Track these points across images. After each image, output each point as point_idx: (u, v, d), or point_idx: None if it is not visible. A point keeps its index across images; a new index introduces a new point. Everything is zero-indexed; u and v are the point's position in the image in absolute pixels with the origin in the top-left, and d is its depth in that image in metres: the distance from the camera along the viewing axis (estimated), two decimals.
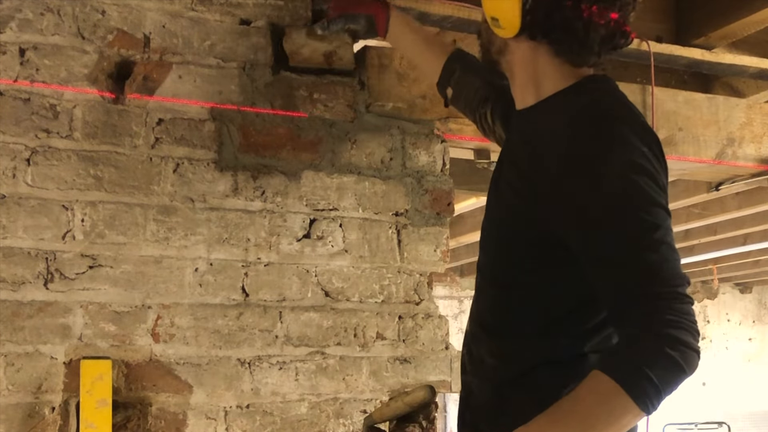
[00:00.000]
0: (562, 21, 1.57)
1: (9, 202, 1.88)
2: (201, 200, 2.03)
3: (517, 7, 1.58)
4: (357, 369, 2.15)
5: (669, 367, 1.28)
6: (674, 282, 1.33)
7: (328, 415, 2.11)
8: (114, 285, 1.94)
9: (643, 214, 1.35)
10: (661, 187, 1.40)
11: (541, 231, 1.46)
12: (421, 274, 2.24)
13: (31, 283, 1.89)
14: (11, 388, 1.85)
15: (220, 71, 2.07)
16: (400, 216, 2.23)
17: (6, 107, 1.89)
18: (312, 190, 2.14)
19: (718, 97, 2.75)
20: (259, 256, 2.08)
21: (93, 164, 1.95)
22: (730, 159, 2.69)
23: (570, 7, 1.56)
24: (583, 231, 1.39)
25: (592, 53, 1.59)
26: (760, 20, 2.55)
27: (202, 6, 2.06)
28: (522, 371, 1.50)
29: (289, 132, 2.12)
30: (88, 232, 1.93)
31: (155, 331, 1.97)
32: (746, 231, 5.78)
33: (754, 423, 10.01)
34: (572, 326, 1.48)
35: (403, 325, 2.20)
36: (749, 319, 10.66)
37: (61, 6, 1.95)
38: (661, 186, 1.40)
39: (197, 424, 1.98)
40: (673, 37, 2.75)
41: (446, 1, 2.30)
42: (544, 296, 1.49)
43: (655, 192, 1.37)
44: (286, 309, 2.09)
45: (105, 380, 1.87)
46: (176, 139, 2.02)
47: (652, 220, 1.35)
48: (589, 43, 1.58)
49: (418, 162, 2.26)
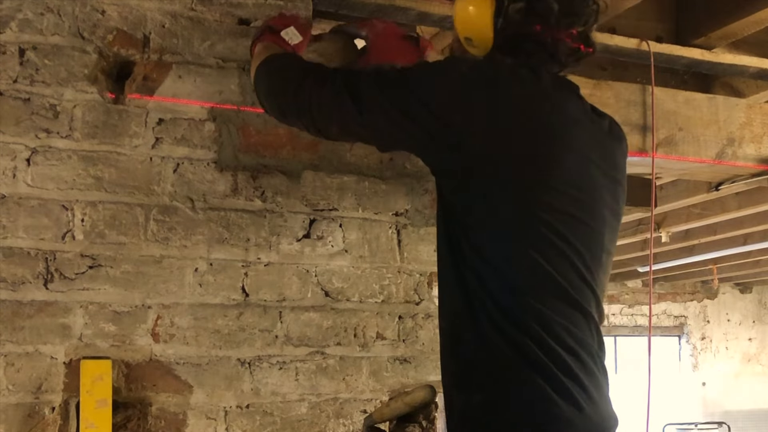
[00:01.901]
0: (532, 38, 1.65)
1: (9, 202, 1.88)
2: (201, 200, 2.03)
3: (490, 27, 1.67)
4: (357, 369, 2.15)
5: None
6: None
7: (328, 415, 2.11)
8: (114, 285, 1.94)
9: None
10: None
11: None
12: (421, 274, 2.24)
13: (31, 283, 1.89)
14: (11, 388, 1.85)
15: (220, 71, 2.07)
16: (400, 216, 2.23)
17: (6, 107, 1.89)
18: (312, 190, 2.14)
19: (718, 97, 2.75)
20: (259, 256, 2.08)
21: (93, 164, 1.95)
22: (730, 159, 2.69)
23: (539, 25, 1.64)
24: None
25: (561, 65, 1.69)
26: (760, 20, 2.55)
27: (202, 6, 2.06)
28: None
29: (289, 132, 2.12)
30: (88, 232, 1.93)
31: (155, 331, 1.97)
32: (746, 231, 5.79)
33: (754, 423, 10.02)
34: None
35: (403, 325, 2.20)
36: (749, 319, 10.66)
37: (61, 6, 1.95)
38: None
39: (197, 424, 1.98)
40: (673, 37, 2.76)
41: (446, 1, 2.30)
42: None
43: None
44: (286, 309, 2.09)
45: (105, 380, 1.87)
46: (176, 139, 2.02)
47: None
48: (557, 57, 1.67)
49: (418, 162, 2.25)
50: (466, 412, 1.62)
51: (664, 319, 10.13)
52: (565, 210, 1.62)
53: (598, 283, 1.69)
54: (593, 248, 1.68)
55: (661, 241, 5.57)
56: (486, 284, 1.59)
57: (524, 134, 1.61)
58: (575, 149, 1.65)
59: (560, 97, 1.68)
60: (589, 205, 1.67)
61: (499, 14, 1.68)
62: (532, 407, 1.55)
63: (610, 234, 1.73)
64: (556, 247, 1.61)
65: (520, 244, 1.59)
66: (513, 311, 1.57)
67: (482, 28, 1.70)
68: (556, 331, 1.58)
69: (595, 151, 1.70)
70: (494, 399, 1.58)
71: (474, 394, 1.61)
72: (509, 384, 1.57)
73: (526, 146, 1.61)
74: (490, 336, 1.58)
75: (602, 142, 1.74)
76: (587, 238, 1.66)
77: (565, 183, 1.62)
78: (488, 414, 1.58)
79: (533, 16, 1.67)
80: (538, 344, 1.56)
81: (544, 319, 1.58)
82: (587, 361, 1.61)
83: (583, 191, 1.65)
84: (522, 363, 1.56)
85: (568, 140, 1.64)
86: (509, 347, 1.56)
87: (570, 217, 1.63)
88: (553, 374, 1.56)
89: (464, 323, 1.61)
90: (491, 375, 1.59)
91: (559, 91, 1.69)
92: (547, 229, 1.60)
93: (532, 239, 1.59)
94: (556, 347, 1.57)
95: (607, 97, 2.48)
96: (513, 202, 1.60)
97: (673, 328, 10.30)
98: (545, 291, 1.59)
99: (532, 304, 1.57)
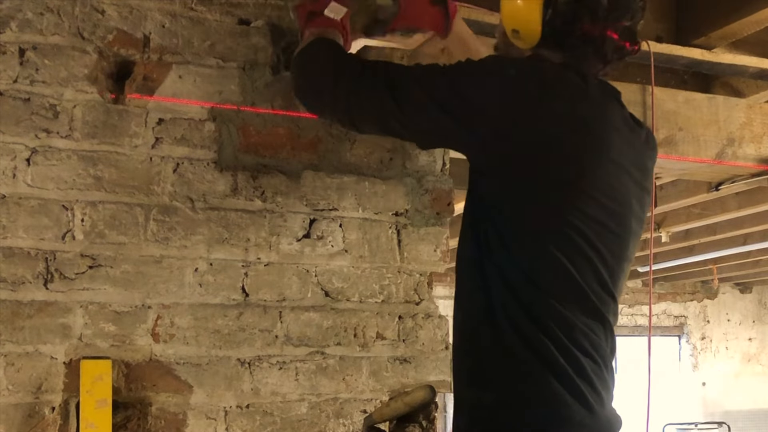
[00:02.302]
0: (581, 33, 1.63)
1: (9, 202, 1.88)
2: (201, 200, 2.03)
3: (538, 19, 1.65)
4: (357, 369, 2.15)
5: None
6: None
7: (328, 415, 2.11)
8: (114, 285, 1.94)
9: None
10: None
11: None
12: (421, 274, 2.24)
13: (31, 283, 1.89)
14: (11, 388, 1.85)
15: (220, 71, 2.07)
16: (400, 216, 2.23)
17: (6, 107, 1.89)
18: (312, 190, 2.14)
19: (718, 97, 2.75)
20: (259, 256, 2.08)
21: (93, 164, 1.95)
22: (730, 159, 2.69)
23: (587, 18, 1.62)
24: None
25: (604, 62, 1.67)
26: (760, 20, 2.55)
27: (202, 6, 2.06)
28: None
29: (289, 132, 2.12)
30: (88, 232, 1.93)
31: (155, 331, 1.97)
32: (746, 231, 5.79)
33: (754, 423, 10.02)
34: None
35: (403, 325, 2.20)
36: (749, 319, 10.66)
37: (61, 6, 1.95)
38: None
39: (197, 424, 1.98)
40: (673, 37, 2.75)
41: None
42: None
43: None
44: (286, 309, 2.09)
45: (105, 380, 1.87)
46: (176, 139, 2.02)
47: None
48: (602, 53, 1.65)
49: (418, 162, 2.26)
50: (478, 410, 1.61)
51: (664, 319, 10.13)
52: (596, 217, 1.62)
53: (618, 290, 1.70)
54: (618, 257, 1.68)
55: (661, 241, 5.57)
56: (510, 281, 1.59)
57: (566, 140, 1.60)
58: (613, 158, 1.65)
59: (604, 105, 1.68)
60: (619, 214, 1.67)
61: (548, 6, 1.66)
62: (545, 408, 1.56)
63: (634, 242, 1.74)
64: (583, 253, 1.61)
65: (547, 245, 1.59)
66: (534, 310, 1.58)
67: (531, 20, 1.67)
68: (575, 334, 1.59)
69: (631, 161, 1.70)
70: (508, 398, 1.58)
71: (487, 392, 1.60)
72: (524, 384, 1.57)
73: (567, 152, 1.61)
74: (508, 334, 1.58)
75: (638, 151, 1.74)
76: (614, 246, 1.67)
77: (598, 190, 1.63)
78: (501, 413, 1.58)
79: (582, 9, 1.65)
80: (557, 346, 1.56)
81: (565, 322, 1.58)
82: (600, 365, 1.62)
83: (615, 200, 1.66)
84: (539, 363, 1.56)
85: (607, 149, 1.64)
86: (527, 346, 1.56)
87: (599, 225, 1.63)
88: (569, 376, 1.56)
89: (482, 319, 1.61)
90: (506, 373, 1.59)
91: (604, 98, 1.69)
92: (576, 234, 1.60)
93: (560, 242, 1.59)
94: (573, 350, 1.58)
95: None
96: (545, 203, 1.61)
97: (673, 328, 10.30)
98: (568, 294, 1.60)
99: (554, 305, 1.58)
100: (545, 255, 1.59)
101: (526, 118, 1.59)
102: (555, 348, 1.56)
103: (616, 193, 1.66)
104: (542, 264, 1.59)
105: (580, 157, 1.61)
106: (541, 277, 1.59)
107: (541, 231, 1.60)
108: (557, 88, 1.63)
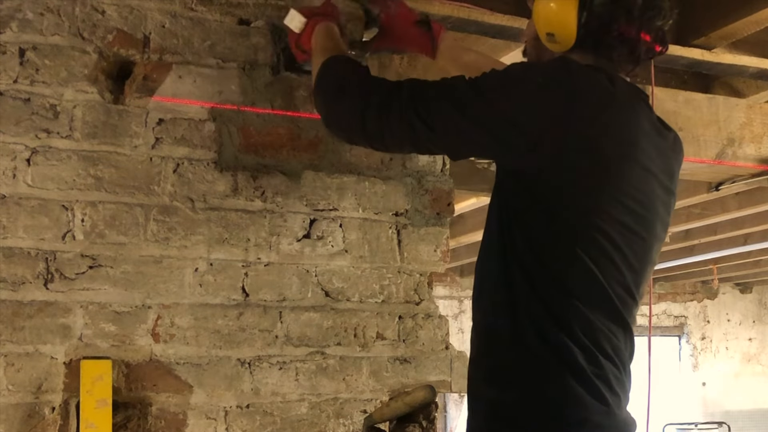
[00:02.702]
0: (617, 34, 1.62)
1: (9, 202, 1.88)
2: (201, 200, 2.03)
3: (574, 22, 1.63)
4: (357, 369, 2.15)
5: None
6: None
7: (328, 415, 2.11)
8: (114, 285, 1.94)
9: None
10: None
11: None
12: (421, 274, 2.24)
13: (31, 283, 1.89)
14: (11, 388, 1.85)
15: (220, 71, 2.07)
16: (400, 216, 2.23)
17: (6, 107, 1.89)
18: (312, 190, 2.14)
19: (718, 97, 2.75)
20: (259, 256, 2.07)
21: (93, 164, 1.95)
22: (730, 159, 2.69)
23: (623, 19, 1.61)
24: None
25: (636, 63, 1.67)
26: (760, 20, 2.55)
27: (202, 6, 2.06)
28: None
29: (289, 132, 2.12)
30: (88, 232, 1.93)
31: (155, 331, 1.97)
32: (746, 231, 5.79)
33: (754, 423, 10.01)
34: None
35: (403, 325, 2.20)
36: (749, 319, 10.66)
37: (61, 6, 1.95)
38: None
39: (197, 424, 1.98)
40: (673, 37, 2.75)
41: (446, 1, 2.30)
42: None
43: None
44: (286, 309, 2.09)
45: (105, 380, 1.87)
46: (176, 139, 2.02)
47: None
48: (636, 54, 1.65)
49: (419, 162, 2.26)
50: (498, 409, 1.61)
51: (664, 319, 10.12)
52: (623, 221, 1.62)
53: (640, 294, 1.70)
54: (643, 261, 1.68)
55: None
56: (534, 281, 1.59)
57: (595, 143, 1.60)
58: (640, 162, 1.65)
59: (633, 108, 1.67)
60: (646, 219, 1.67)
61: (584, 8, 1.64)
62: (565, 409, 1.55)
63: (658, 246, 1.74)
64: (608, 256, 1.61)
65: (574, 248, 1.59)
66: (558, 312, 1.57)
67: (566, 22, 1.65)
68: (597, 336, 1.59)
69: (658, 165, 1.69)
70: (528, 398, 1.58)
71: (507, 391, 1.60)
72: (544, 384, 1.57)
73: (596, 156, 1.60)
74: (529, 334, 1.58)
75: (665, 155, 1.73)
76: (639, 251, 1.66)
77: (626, 194, 1.62)
78: (521, 412, 1.58)
79: (618, 10, 1.64)
80: (579, 347, 1.56)
81: (588, 324, 1.58)
82: (620, 368, 1.63)
83: (642, 204, 1.65)
84: (560, 364, 1.56)
85: (635, 153, 1.64)
86: (548, 347, 1.56)
87: (626, 229, 1.63)
88: (589, 378, 1.56)
89: (504, 318, 1.61)
90: (527, 373, 1.59)
91: (632, 101, 1.68)
92: (602, 237, 1.60)
93: (587, 245, 1.59)
94: (595, 352, 1.58)
95: None
96: (573, 207, 1.60)
97: (673, 328, 10.30)
98: (592, 297, 1.59)
99: (578, 307, 1.58)
100: (572, 257, 1.59)
101: (555, 125, 1.58)
102: (577, 349, 1.56)
103: (644, 197, 1.66)
104: (568, 266, 1.59)
105: (609, 162, 1.61)
106: (567, 279, 1.59)
107: (569, 234, 1.60)
108: (585, 93, 1.61)
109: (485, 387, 1.65)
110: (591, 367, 1.57)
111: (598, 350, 1.58)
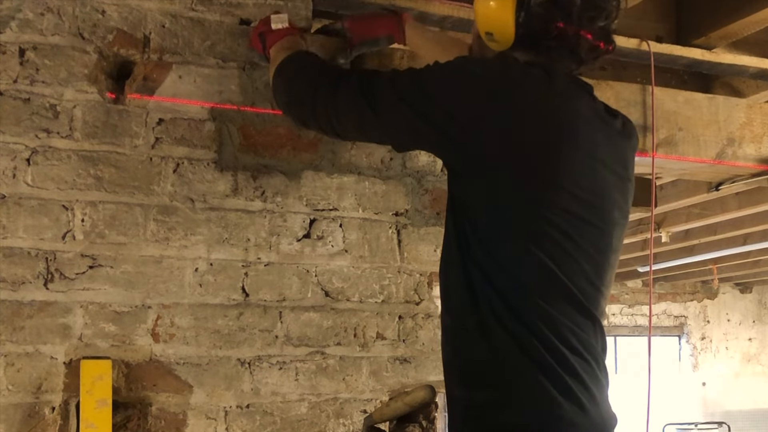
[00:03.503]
0: (555, 34, 1.64)
1: (9, 202, 1.88)
2: (201, 200, 2.03)
3: (511, 22, 1.66)
4: (357, 369, 2.15)
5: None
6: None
7: (328, 415, 2.11)
8: (114, 285, 1.94)
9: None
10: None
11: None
12: (421, 274, 2.24)
13: (31, 283, 1.89)
14: (11, 388, 1.85)
15: (220, 71, 2.07)
16: (400, 216, 2.23)
17: (6, 107, 1.89)
18: (312, 190, 2.14)
19: (718, 97, 2.75)
20: (259, 256, 2.08)
21: (93, 164, 1.95)
22: (730, 159, 2.69)
23: (561, 19, 1.63)
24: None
25: (579, 62, 1.69)
26: (760, 20, 2.55)
27: (202, 6, 2.06)
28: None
29: (289, 132, 2.12)
30: (88, 232, 1.94)
31: (155, 331, 1.97)
32: (746, 231, 5.79)
33: (754, 423, 10.02)
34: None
35: (403, 325, 2.20)
36: (749, 319, 10.67)
37: (61, 6, 1.95)
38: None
39: (197, 424, 1.98)
40: (673, 37, 2.76)
41: (446, 1, 2.31)
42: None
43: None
44: (286, 309, 2.09)
45: (105, 380, 1.87)
46: (176, 139, 2.02)
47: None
48: (577, 53, 1.66)
49: (418, 162, 2.26)
50: (470, 410, 1.62)
51: (664, 319, 10.13)
52: (574, 211, 1.62)
53: (606, 283, 1.69)
54: (602, 249, 1.68)
55: (661, 241, 5.57)
56: (493, 282, 1.59)
57: (534, 134, 1.60)
58: (584, 149, 1.64)
59: (571, 97, 1.68)
60: (598, 207, 1.66)
61: (521, 8, 1.67)
62: (536, 407, 1.55)
63: (619, 232, 1.73)
64: (563, 248, 1.60)
65: (525, 243, 1.59)
66: (519, 310, 1.57)
67: (504, 22, 1.68)
68: (561, 331, 1.58)
69: (606, 151, 1.69)
70: (498, 397, 1.58)
71: (478, 392, 1.60)
72: (513, 383, 1.57)
73: (535, 146, 1.60)
74: (496, 334, 1.58)
75: (614, 142, 1.73)
76: (596, 239, 1.66)
77: (573, 184, 1.62)
78: (492, 412, 1.58)
79: (556, 10, 1.66)
80: (544, 344, 1.56)
81: (551, 319, 1.58)
82: (591, 363, 1.61)
83: (592, 192, 1.65)
84: (527, 362, 1.56)
85: (576, 140, 1.64)
86: (515, 346, 1.56)
87: (577, 218, 1.62)
88: (558, 375, 1.56)
89: (470, 320, 1.61)
90: (496, 373, 1.59)
91: (571, 91, 1.69)
92: (553, 229, 1.59)
93: (538, 238, 1.59)
94: (561, 348, 1.57)
95: (607, 97, 2.47)
96: (519, 200, 1.60)
97: (673, 328, 10.31)
98: (551, 291, 1.59)
99: (539, 304, 1.57)
100: (525, 253, 1.59)
101: (492, 117, 1.60)
102: (542, 347, 1.56)
103: (592, 185, 1.65)
104: (523, 262, 1.59)
105: (549, 152, 1.61)
106: (523, 276, 1.59)
107: (518, 229, 1.60)
108: (522, 84, 1.63)
109: (458, 388, 1.66)
110: (559, 364, 1.56)
111: (565, 346, 1.57)
